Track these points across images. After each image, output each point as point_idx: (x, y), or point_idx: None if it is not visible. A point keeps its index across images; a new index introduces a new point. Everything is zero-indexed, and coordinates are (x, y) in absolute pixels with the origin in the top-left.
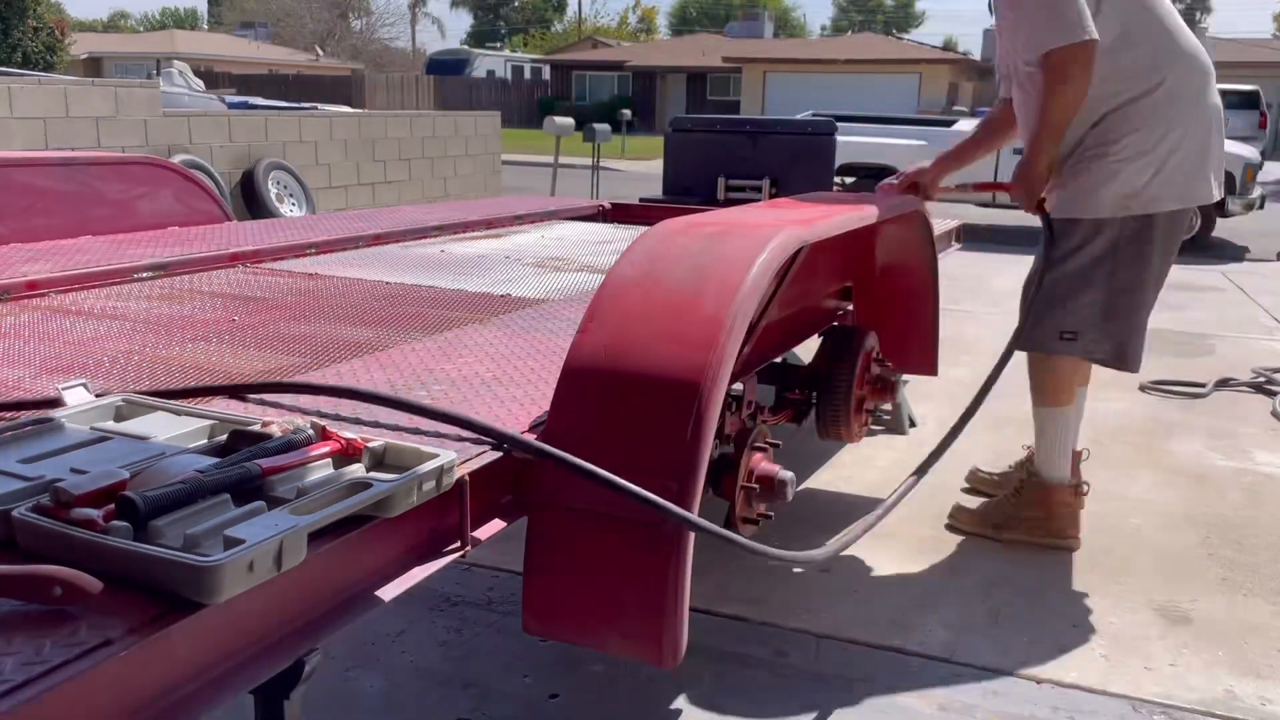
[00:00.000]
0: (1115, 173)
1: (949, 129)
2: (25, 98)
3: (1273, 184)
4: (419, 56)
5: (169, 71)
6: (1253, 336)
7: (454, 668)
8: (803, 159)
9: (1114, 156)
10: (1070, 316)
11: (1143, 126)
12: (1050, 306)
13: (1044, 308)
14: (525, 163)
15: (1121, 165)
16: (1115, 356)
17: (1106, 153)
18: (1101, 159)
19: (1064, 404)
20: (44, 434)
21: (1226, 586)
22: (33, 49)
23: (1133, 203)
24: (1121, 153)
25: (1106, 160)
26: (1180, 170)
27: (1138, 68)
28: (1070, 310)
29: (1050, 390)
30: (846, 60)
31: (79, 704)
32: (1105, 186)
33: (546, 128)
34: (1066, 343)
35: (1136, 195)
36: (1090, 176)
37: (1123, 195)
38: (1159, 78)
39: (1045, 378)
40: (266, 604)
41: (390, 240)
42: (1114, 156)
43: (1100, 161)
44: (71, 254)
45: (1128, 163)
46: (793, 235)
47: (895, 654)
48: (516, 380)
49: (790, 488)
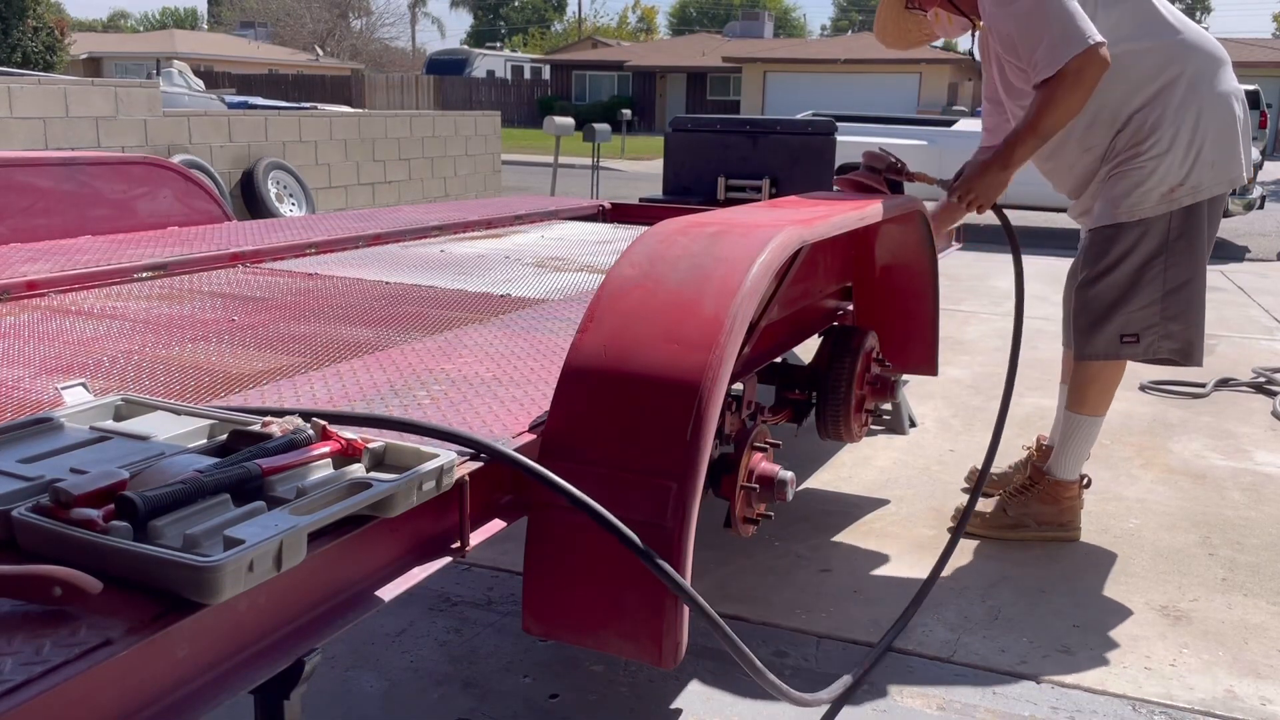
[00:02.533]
0: (1153, 170)
1: (949, 129)
2: (25, 98)
3: (1273, 184)
4: (419, 56)
5: (169, 71)
6: (1253, 336)
7: (454, 668)
8: (803, 159)
9: (1147, 154)
10: (1130, 320)
11: (1170, 120)
12: (1107, 313)
13: (1099, 316)
14: (525, 163)
15: (1157, 161)
16: (1183, 354)
17: (1139, 152)
18: (1135, 159)
19: (1102, 414)
20: (43, 434)
21: (1226, 586)
22: (32, 49)
23: (1178, 195)
24: (1154, 149)
25: (1141, 159)
26: (1214, 154)
27: (1153, 65)
28: (1129, 314)
29: (1094, 400)
30: (846, 60)
31: (79, 704)
32: (1146, 185)
33: (546, 128)
34: (1128, 346)
35: (1180, 187)
36: (1128, 180)
37: (1166, 190)
38: (1176, 70)
39: (1092, 389)
40: (266, 604)
41: (390, 240)
42: (1147, 154)
43: (1135, 162)
44: (71, 254)
45: (1162, 158)
46: (793, 235)
47: (895, 654)
48: (516, 380)
49: (790, 487)
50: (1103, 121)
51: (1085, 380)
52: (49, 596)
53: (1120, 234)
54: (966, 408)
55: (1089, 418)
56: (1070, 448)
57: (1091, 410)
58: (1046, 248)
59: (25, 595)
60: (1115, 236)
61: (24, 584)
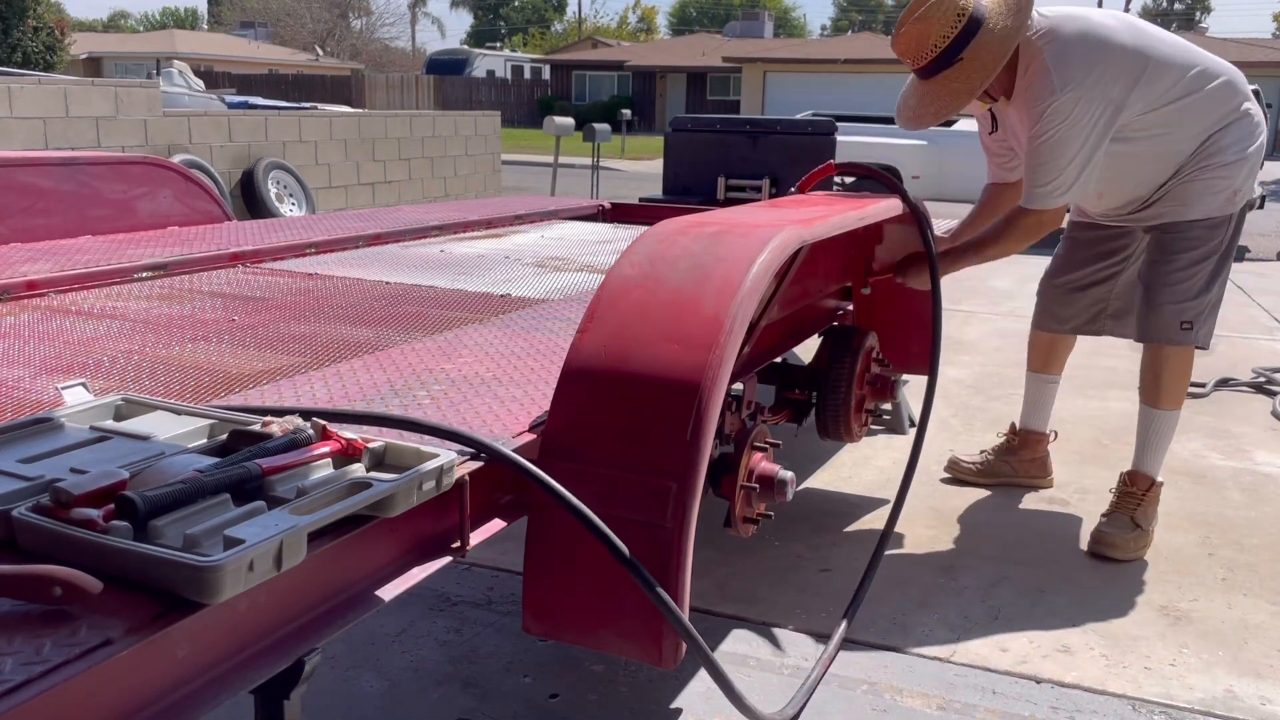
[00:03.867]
0: (1224, 175)
1: (948, 129)
2: (25, 98)
3: (1273, 184)
4: (419, 56)
5: (169, 71)
6: (1253, 336)
7: (454, 668)
8: (803, 159)
9: (1220, 162)
10: (1189, 308)
11: (1240, 138)
12: (1174, 300)
13: (1165, 300)
14: (525, 163)
15: (1229, 169)
16: (1208, 339)
17: (1212, 161)
18: (1210, 168)
19: (1179, 407)
20: (44, 434)
21: (1226, 586)
22: (33, 49)
23: (1237, 198)
24: (1225, 157)
25: (1215, 167)
26: (1258, 164)
27: (1219, 95)
28: (1189, 302)
29: (1174, 392)
30: (846, 60)
31: (79, 704)
32: (1217, 188)
33: (546, 128)
34: (1185, 332)
35: (1239, 191)
36: (1201, 183)
37: (1231, 193)
38: (1238, 96)
39: (1173, 382)
40: (266, 604)
41: (390, 240)
42: (1220, 162)
43: (1209, 169)
44: (71, 254)
45: (1234, 166)
46: (793, 235)
47: (895, 654)
48: (516, 380)
49: (790, 487)
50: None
51: (1169, 374)
52: (49, 596)
53: (1189, 229)
54: (966, 408)
55: (1171, 412)
56: (1159, 446)
57: (1171, 404)
58: None
59: (25, 595)
60: (1184, 231)
61: (24, 584)
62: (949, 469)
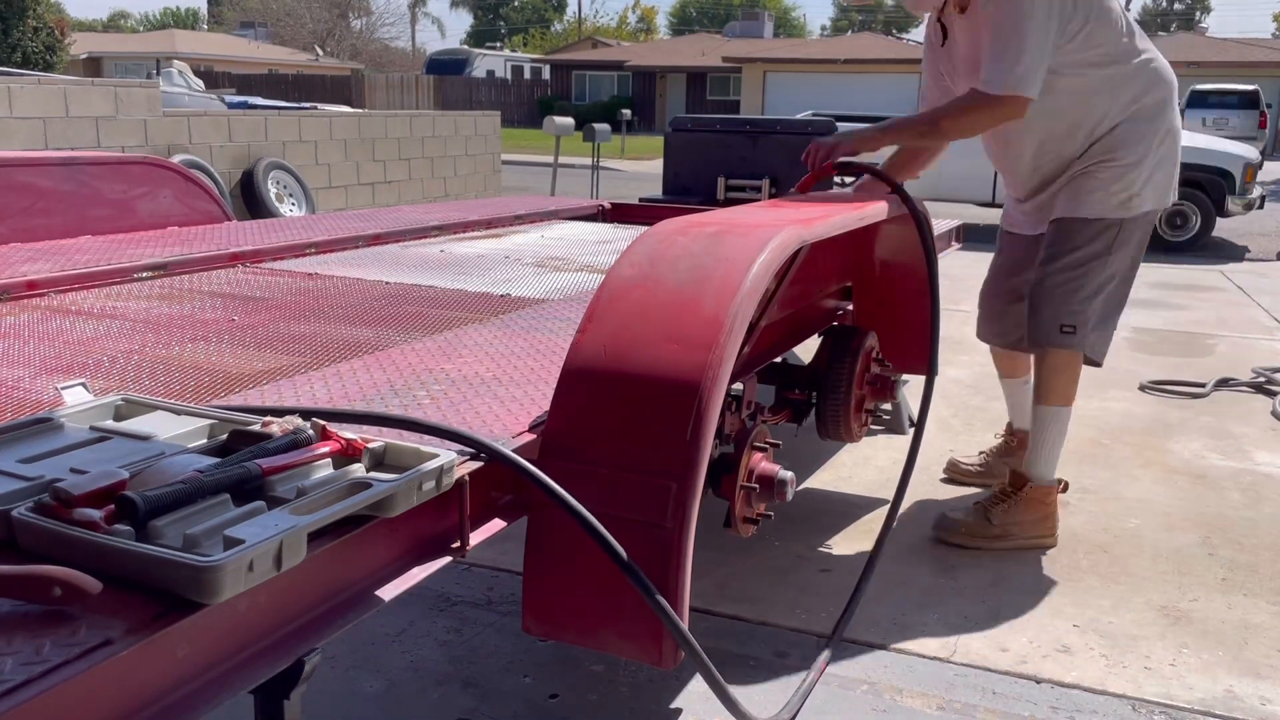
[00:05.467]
0: (1119, 176)
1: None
2: (25, 98)
3: (1273, 184)
4: (419, 56)
5: (169, 71)
6: (1253, 336)
7: (454, 668)
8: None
9: (1120, 162)
10: (1070, 311)
11: (1145, 135)
12: (1051, 301)
13: (1043, 301)
14: (525, 163)
15: (1126, 170)
16: (1099, 353)
17: (1114, 158)
18: (1109, 164)
19: (1070, 403)
20: (43, 434)
21: (1226, 586)
22: (32, 49)
23: (1132, 204)
24: (1127, 158)
25: (1114, 165)
26: (1162, 175)
27: (1141, 84)
28: (1070, 305)
29: (1060, 389)
30: (846, 60)
31: (79, 704)
32: (1111, 189)
33: (546, 128)
34: (1066, 336)
35: (1135, 197)
36: (1097, 180)
37: (1127, 197)
38: (1161, 93)
39: (1054, 377)
40: (266, 604)
41: (390, 240)
42: (1120, 162)
43: (1108, 166)
44: (71, 254)
45: (1131, 168)
46: (793, 235)
47: (895, 654)
48: (516, 380)
49: (790, 487)
50: (1085, 129)
51: (1048, 370)
52: (49, 596)
53: (1079, 228)
54: (966, 407)
55: (1058, 409)
56: (1044, 444)
57: (1059, 400)
58: None
59: (25, 595)
60: (1073, 229)
61: (24, 584)
62: (948, 470)
